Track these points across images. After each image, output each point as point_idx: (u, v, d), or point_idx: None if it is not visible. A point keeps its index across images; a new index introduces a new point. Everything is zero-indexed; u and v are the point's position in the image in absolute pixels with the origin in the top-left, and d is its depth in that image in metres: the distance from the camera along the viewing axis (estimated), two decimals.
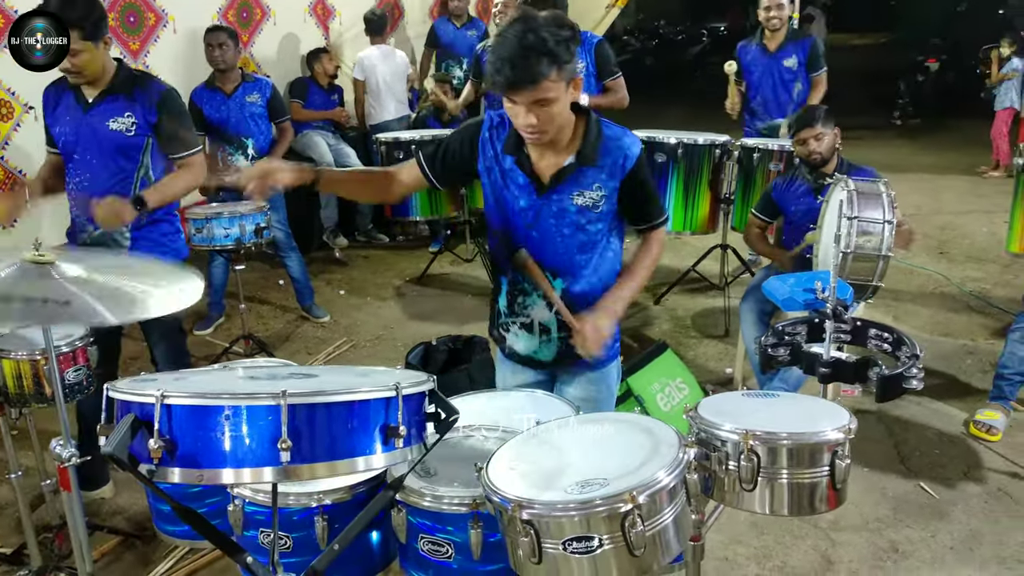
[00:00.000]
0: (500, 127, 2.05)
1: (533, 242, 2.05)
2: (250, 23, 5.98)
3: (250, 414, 1.22)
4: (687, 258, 5.50)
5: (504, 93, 1.85)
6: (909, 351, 1.94)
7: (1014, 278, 5.12)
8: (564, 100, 1.87)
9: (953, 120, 10.49)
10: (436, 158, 2.12)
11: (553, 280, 2.07)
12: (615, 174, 1.99)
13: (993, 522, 2.89)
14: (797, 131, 3.56)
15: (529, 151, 2.01)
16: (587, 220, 2.02)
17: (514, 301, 2.15)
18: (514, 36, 1.79)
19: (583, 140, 1.98)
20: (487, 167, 2.07)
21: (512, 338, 2.20)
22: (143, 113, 2.83)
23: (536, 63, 1.77)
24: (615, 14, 8.53)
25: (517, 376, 2.28)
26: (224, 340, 4.55)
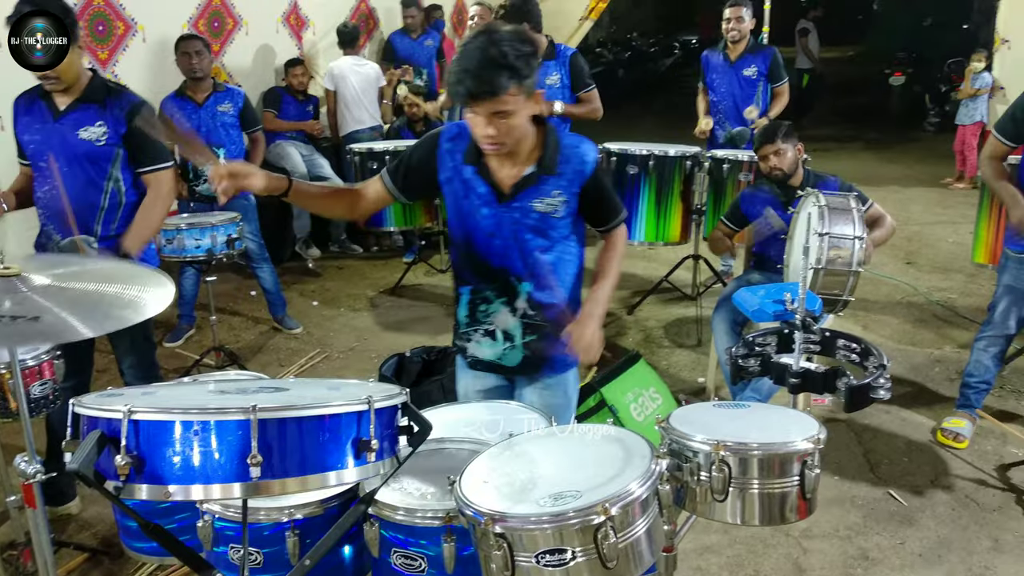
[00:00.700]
0: (459, 138, 2.08)
1: (496, 249, 2.08)
2: (221, 32, 5.94)
3: (219, 429, 1.21)
4: (660, 268, 5.54)
5: (465, 104, 1.88)
6: (876, 361, 1.97)
7: (979, 288, 5.22)
8: (523, 113, 1.92)
9: (919, 132, 10.68)
10: (399, 172, 2.15)
11: (519, 285, 2.10)
12: (575, 181, 2.05)
13: (961, 529, 2.94)
14: (758, 147, 3.62)
15: (489, 161, 2.05)
16: (548, 226, 2.06)
17: (475, 310, 2.18)
18: (476, 48, 1.83)
19: (543, 150, 2.03)
20: (448, 178, 2.09)
21: (474, 346, 2.22)
22: (114, 123, 2.80)
23: (496, 76, 1.81)
24: (588, 26, 8.62)
25: (478, 382, 2.30)
26: (195, 352, 4.50)
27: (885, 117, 11.92)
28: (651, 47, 17.35)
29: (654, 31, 19.32)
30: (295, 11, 6.54)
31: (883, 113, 12.02)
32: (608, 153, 4.57)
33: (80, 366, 2.91)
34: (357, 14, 7.25)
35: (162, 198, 2.93)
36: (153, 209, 2.91)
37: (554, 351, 2.16)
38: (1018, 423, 3.64)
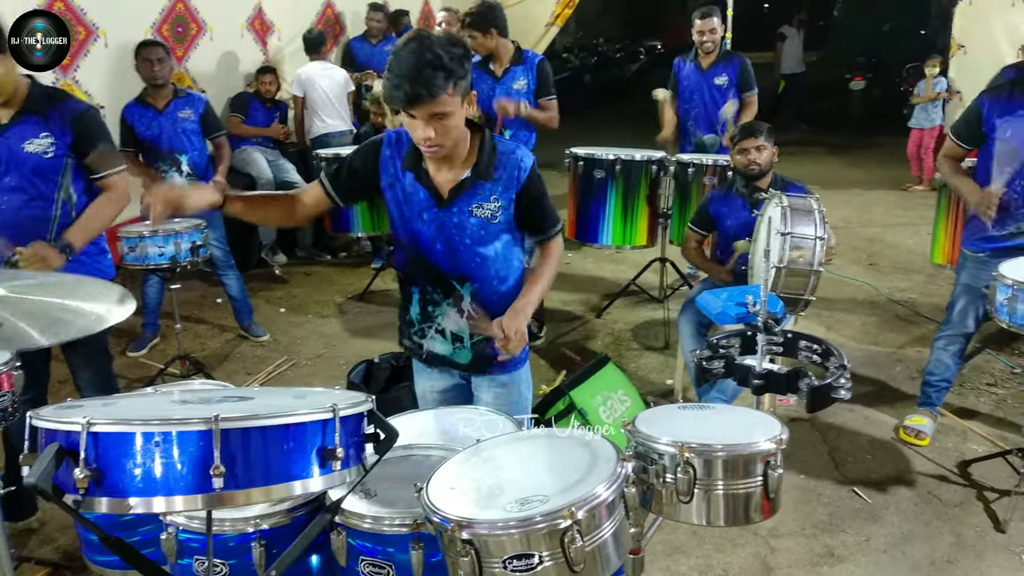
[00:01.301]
0: (398, 144, 2.11)
1: (439, 254, 2.12)
2: (185, 38, 5.88)
3: (181, 440, 1.20)
4: (627, 272, 5.58)
5: (403, 108, 1.90)
6: (837, 361, 2.01)
7: (938, 288, 5.32)
8: (460, 115, 1.95)
9: (880, 136, 10.89)
10: (340, 177, 2.17)
11: (461, 287, 2.14)
12: (511, 186, 2.08)
13: (924, 524, 2.99)
14: (740, 140, 3.66)
15: (427, 166, 2.07)
16: (487, 231, 2.09)
17: (425, 308, 2.22)
18: (410, 53, 1.85)
19: (478, 155, 2.06)
20: (389, 183, 2.12)
21: (429, 342, 2.25)
22: (59, 133, 2.72)
23: (433, 78, 1.84)
24: (555, 32, 8.65)
25: (435, 382, 2.33)
26: (159, 361, 4.44)
27: (847, 122, 12.13)
28: (617, 53, 17.47)
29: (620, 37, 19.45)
30: (260, 16, 6.50)
31: (845, 118, 12.23)
32: (575, 158, 4.60)
33: (37, 379, 2.85)
34: (323, 19, 7.22)
35: (115, 201, 2.86)
36: (105, 208, 2.84)
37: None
38: (978, 420, 3.72)
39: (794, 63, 11.79)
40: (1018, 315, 2.83)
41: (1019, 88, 3.15)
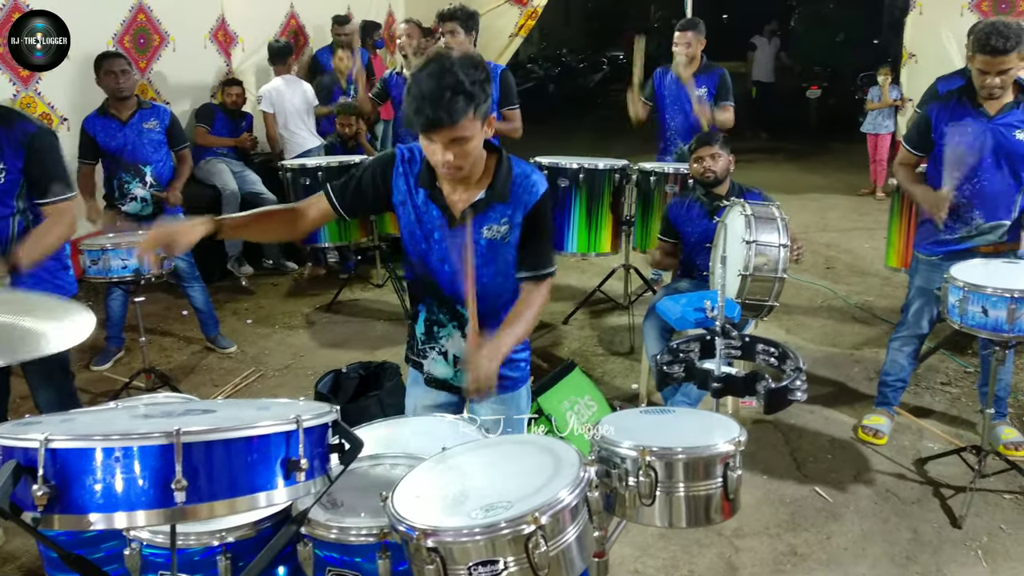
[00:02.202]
0: (412, 161, 2.10)
1: (446, 275, 2.11)
2: (147, 49, 5.83)
3: (142, 455, 1.19)
4: (592, 279, 5.63)
5: (423, 132, 1.89)
6: (793, 364, 2.06)
7: (893, 290, 5.45)
8: (479, 138, 1.94)
9: (836, 143, 11.12)
10: (347, 191, 2.14)
11: (465, 309, 2.11)
12: (520, 210, 2.06)
13: (883, 521, 3.07)
14: (696, 148, 3.74)
15: (441, 185, 2.06)
16: (496, 253, 2.08)
17: (430, 329, 2.21)
18: (431, 76, 1.83)
19: (494, 176, 2.04)
20: (401, 200, 2.11)
21: (430, 364, 2.25)
22: (10, 156, 2.66)
23: (453, 103, 1.81)
24: (518, 43, 8.70)
25: (429, 397, 2.32)
26: (124, 375, 4.38)
27: (804, 129, 12.37)
28: (580, 63, 17.61)
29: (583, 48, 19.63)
30: (223, 27, 6.46)
31: (802, 125, 12.47)
32: (539, 166, 4.64)
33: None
34: (287, 30, 7.20)
35: (61, 226, 2.77)
36: (49, 234, 2.74)
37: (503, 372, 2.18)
38: (933, 418, 3.82)
39: (765, 72, 12.00)
40: (969, 316, 2.93)
41: (966, 96, 3.26)
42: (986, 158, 3.20)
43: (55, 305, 1.64)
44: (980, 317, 2.89)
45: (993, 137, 3.18)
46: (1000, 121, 3.18)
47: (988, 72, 3.08)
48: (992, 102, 3.19)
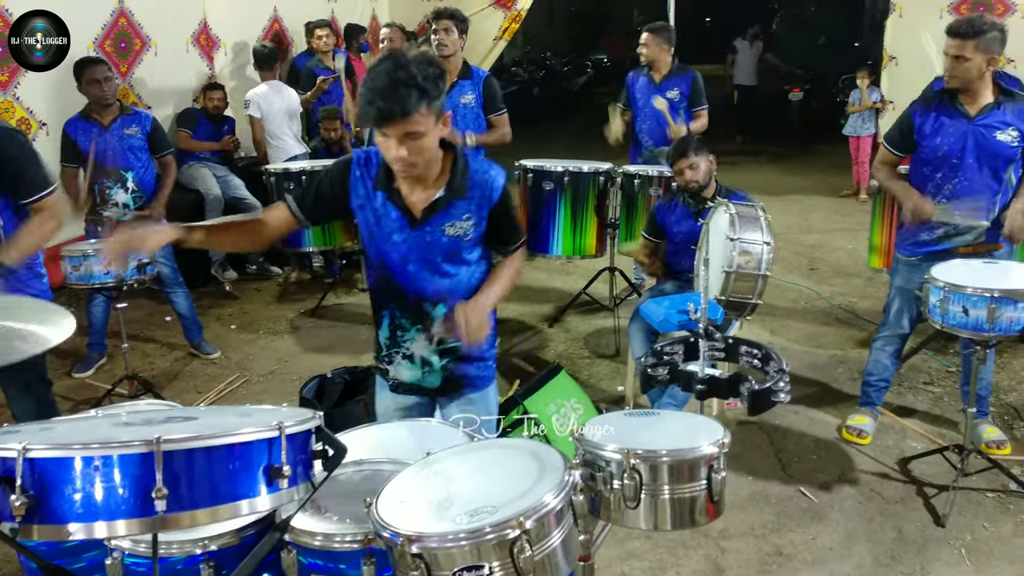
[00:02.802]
0: (368, 164, 2.11)
1: (410, 275, 2.12)
2: (129, 53, 5.79)
3: (122, 463, 1.18)
4: (578, 281, 5.64)
5: (376, 125, 1.91)
6: (776, 365, 2.07)
7: (876, 291, 5.49)
8: (433, 134, 1.95)
9: (818, 145, 11.20)
10: (307, 198, 2.16)
11: (434, 308, 2.14)
12: (483, 204, 2.09)
13: (867, 521, 3.09)
14: (673, 162, 3.76)
15: (399, 186, 2.07)
16: (459, 249, 2.10)
17: (393, 333, 2.21)
18: (385, 71, 1.86)
19: (451, 174, 2.07)
20: (360, 204, 2.12)
21: (396, 368, 2.25)
22: None
23: (407, 96, 1.84)
24: (502, 46, 8.73)
25: (398, 401, 2.32)
26: (106, 382, 4.34)
27: (786, 131, 12.46)
28: (565, 66, 17.64)
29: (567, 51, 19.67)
30: (205, 31, 6.43)
31: (784, 127, 12.55)
32: (524, 170, 4.65)
33: None
34: (270, 34, 7.17)
35: (53, 218, 2.76)
36: (43, 227, 2.74)
37: (471, 370, 2.21)
38: (916, 418, 3.85)
39: (746, 76, 12.05)
40: (950, 316, 2.95)
41: (948, 97, 3.30)
42: (966, 158, 3.23)
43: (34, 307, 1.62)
44: (961, 317, 2.92)
45: (973, 138, 3.21)
46: (980, 122, 3.21)
47: (947, 55, 3.16)
48: (972, 103, 3.22)
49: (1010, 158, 3.24)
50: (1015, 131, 3.19)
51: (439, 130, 1.97)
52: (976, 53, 3.09)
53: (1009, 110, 3.20)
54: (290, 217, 2.16)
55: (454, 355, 2.20)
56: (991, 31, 3.09)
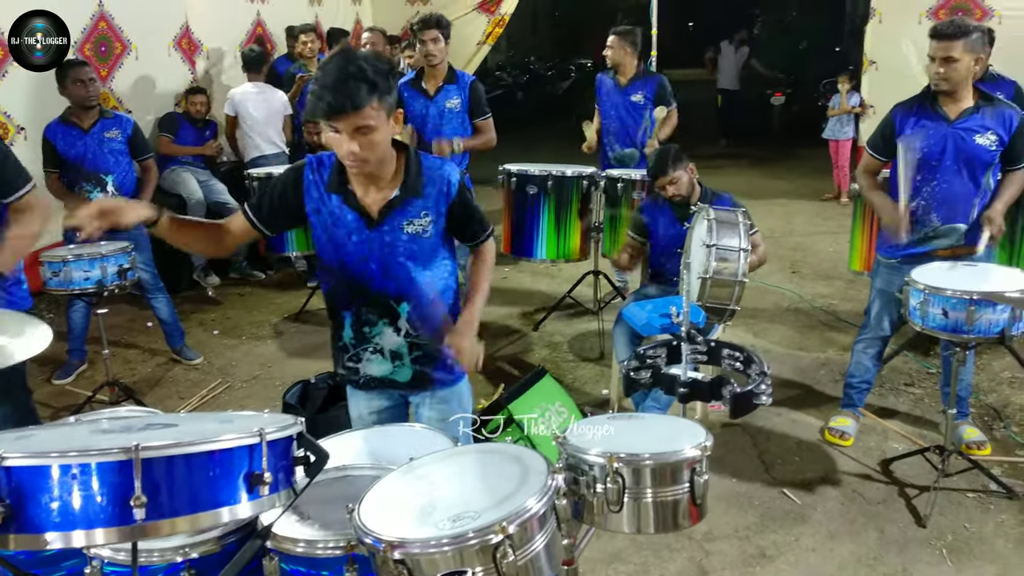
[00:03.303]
0: (321, 168, 2.11)
1: (372, 274, 2.12)
2: (109, 57, 5.74)
3: (100, 471, 1.17)
4: (562, 285, 5.65)
5: (327, 119, 1.90)
6: (758, 368, 2.08)
7: (857, 293, 5.53)
8: (385, 131, 1.96)
9: (800, 149, 11.28)
10: (262, 206, 2.16)
11: (398, 306, 2.15)
12: (440, 200, 2.11)
13: (850, 522, 3.11)
14: (653, 180, 3.77)
15: (354, 187, 2.08)
16: (420, 246, 2.11)
17: (360, 331, 2.20)
18: (335, 67, 1.88)
19: (406, 173, 2.08)
20: (315, 208, 2.12)
21: (366, 365, 2.24)
22: None
23: (356, 90, 1.85)
24: (486, 51, 8.75)
25: (372, 403, 2.32)
26: (87, 388, 4.30)
27: (769, 135, 12.54)
28: (548, 70, 17.67)
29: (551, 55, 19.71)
30: (187, 35, 6.39)
31: (767, 131, 12.64)
32: (508, 174, 4.66)
33: None
34: (253, 38, 7.14)
35: (35, 213, 2.72)
36: (31, 226, 2.71)
37: (442, 364, 2.21)
38: (897, 419, 3.88)
39: (730, 80, 12.13)
40: (930, 318, 2.98)
41: (928, 100, 3.33)
42: (945, 161, 3.27)
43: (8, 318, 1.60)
44: (940, 319, 2.94)
45: (953, 141, 3.25)
46: (960, 125, 3.25)
47: (935, 58, 3.17)
48: (952, 106, 3.26)
49: (988, 162, 3.28)
50: (994, 135, 3.23)
51: (391, 127, 1.98)
52: (964, 53, 3.13)
53: (988, 114, 3.25)
54: (247, 225, 2.16)
55: (424, 349, 2.20)
56: (975, 31, 3.14)
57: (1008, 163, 3.33)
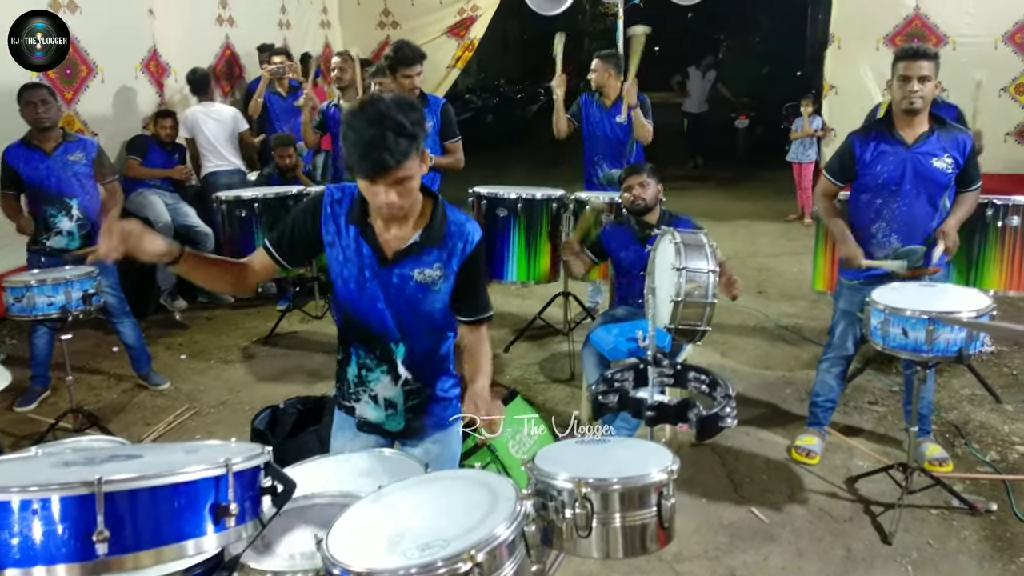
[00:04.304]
0: (341, 201, 2.10)
1: (378, 312, 2.10)
2: (75, 80, 5.69)
3: (62, 505, 1.16)
4: (533, 306, 5.67)
5: (369, 178, 1.89)
6: (723, 391, 2.11)
7: (821, 312, 5.62)
8: (419, 175, 1.96)
9: (763, 171, 11.47)
10: (283, 240, 2.14)
11: (396, 347, 2.13)
12: (455, 256, 2.08)
13: (817, 540, 3.14)
14: (625, 177, 3.84)
15: (374, 222, 2.06)
16: (426, 297, 2.09)
17: (359, 373, 2.20)
18: (371, 122, 1.84)
19: (430, 220, 2.06)
20: (330, 242, 2.10)
21: (362, 407, 2.24)
22: None
23: (397, 145, 1.83)
24: (456, 74, 8.82)
25: (358, 442, 2.29)
26: (50, 416, 4.21)
27: (733, 157, 12.75)
28: (518, 93, 17.83)
29: (520, 78, 19.89)
30: (155, 58, 6.36)
31: (731, 153, 12.84)
32: (478, 197, 4.69)
33: None
34: (222, 60, 7.13)
35: None
36: None
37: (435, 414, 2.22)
38: (862, 437, 3.94)
39: (698, 104, 12.32)
40: (891, 338, 3.05)
41: (884, 125, 3.43)
42: (905, 185, 3.36)
43: None
44: (901, 338, 3.01)
45: (912, 165, 3.34)
46: (918, 149, 3.35)
47: (911, 77, 3.25)
48: (909, 130, 3.35)
49: (945, 184, 3.39)
50: (950, 158, 3.34)
51: (423, 169, 1.96)
52: (933, 73, 3.25)
53: (944, 138, 3.35)
54: (271, 262, 2.14)
55: (419, 397, 2.20)
56: (937, 56, 3.26)
57: (962, 184, 3.45)
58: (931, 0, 7.18)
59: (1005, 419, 4.07)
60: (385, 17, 8.86)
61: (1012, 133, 7.26)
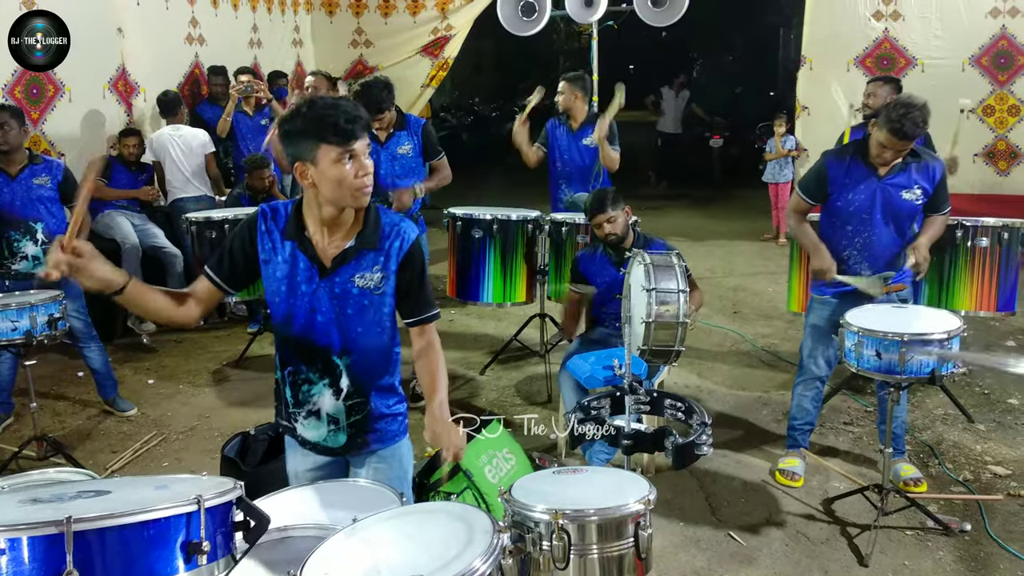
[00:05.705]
0: (276, 217, 2.10)
1: (318, 327, 2.09)
2: (41, 100, 5.60)
3: (31, 545, 1.13)
4: (509, 328, 5.66)
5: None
6: (699, 419, 2.11)
7: (796, 333, 5.62)
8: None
9: (739, 190, 11.60)
10: (223, 264, 2.12)
11: (339, 360, 2.11)
12: (393, 257, 2.09)
13: (795, 563, 3.14)
14: (591, 217, 3.84)
15: (311, 235, 2.06)
16: (369, 301, 2.09)
17: (298, 391, 2.17)
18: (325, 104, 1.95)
19: (364, 224, 2.07)
20: (265, 259, 2.10)
21: (301, 427, 2.21)
22: None
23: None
24: (430, 93, 8.83)
25: (308, 461, 2.27)
26: (13, 444, 4.10)
27: (708, 176, 12.88)
28: (493, 112, 17.91)
29: (494, 96, 20.00)
30: (123, 77, 6.28)
31: (706, 173, 12.98)
32: (454, 218, 4.67)
33: None
34: (191, 80, 7.07)
35: None
36: None
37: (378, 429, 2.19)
38: (839, 458, 3.96)
39: (672, 124, 12.43)
40: (864, 360, 3.08)
41: (859, 154, 3.48)
42: (875, 215, 3.42)
43: None
44: (874, 360, 3.04)
45: (882, 195, 3.41)
46: (889, 181, 3.41)
47: (889, 148, 3.31)
48: (883, 163, 3.42)
49: (913, 214, 3.48)
50: (919, 189, 3.41)
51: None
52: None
53: (915, 168, 3.42)
54: (213, 288, 2.12)
55: (362, 411, 2.16)
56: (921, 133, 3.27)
57: (931, 210, 3.50)
58: (900, 24, 7.32)
59: (978, 438, 4.11)
60: (358, 36, 8.85)
61: (980, 154, 7.40)
